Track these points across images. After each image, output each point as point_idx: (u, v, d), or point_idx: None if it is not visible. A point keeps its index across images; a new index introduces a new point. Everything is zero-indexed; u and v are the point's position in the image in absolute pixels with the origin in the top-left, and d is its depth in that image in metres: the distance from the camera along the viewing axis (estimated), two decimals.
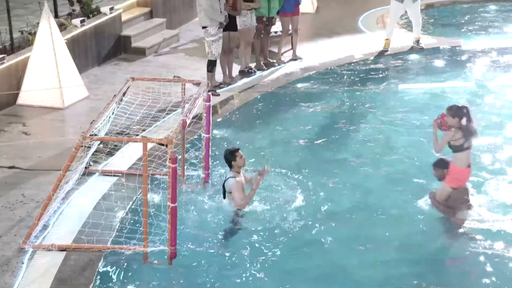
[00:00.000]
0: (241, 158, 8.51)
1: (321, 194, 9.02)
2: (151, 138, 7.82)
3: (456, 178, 8.48)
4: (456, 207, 8.56)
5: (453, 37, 15.95)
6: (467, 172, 8.52)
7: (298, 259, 7.84)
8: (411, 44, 15.22)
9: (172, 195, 7.21)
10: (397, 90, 13.08)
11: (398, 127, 11.25)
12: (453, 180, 8.50)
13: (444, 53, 14.98)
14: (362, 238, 8.24)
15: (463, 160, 8.42)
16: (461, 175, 8.48)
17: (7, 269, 7.20)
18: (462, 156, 8.41)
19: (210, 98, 8.97)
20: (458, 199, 8.54)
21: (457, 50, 15.11)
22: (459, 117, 8.33)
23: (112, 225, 8.04)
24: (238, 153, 8.51)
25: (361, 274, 7.63)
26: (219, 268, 7.66)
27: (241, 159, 8.50)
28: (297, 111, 12.13)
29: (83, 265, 7.36)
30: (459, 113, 8.34)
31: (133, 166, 9.32)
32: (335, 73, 13.82)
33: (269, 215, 8.51)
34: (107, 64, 13.59)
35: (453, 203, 8.55)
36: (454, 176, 8.48)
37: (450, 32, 16.48)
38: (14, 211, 8.30)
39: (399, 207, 8.81)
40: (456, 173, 8.46)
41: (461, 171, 8.45)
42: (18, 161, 9.51)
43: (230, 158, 8.50)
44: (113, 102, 8.35)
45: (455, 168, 8.46)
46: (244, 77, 13.29)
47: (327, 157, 10.29)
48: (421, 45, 15.13)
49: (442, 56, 14.83)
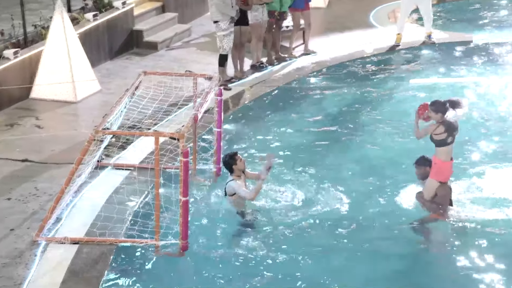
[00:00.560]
0: (241, 160, 8.45)
1: (332, 193, 8.93)
2: (163, 133, 7.83)
3: (441, 170, 8.36)
4: (444, 204, 8.46)
5: (465, 31, 15.87)
6: (450, 165, 8.39)
7: (305, 257, 7.77)
8: (422, 39, 15.16)
9: (183, 188, 7.21)
10: (408, 85, 13.03)
11: (409, 123, 11.17)
12: (438, 172, 8.37)
13: (456, 48, 14.90)
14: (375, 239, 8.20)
15: (446, 153, 8.33)
16: (445, 167, 8.35)
17: (20, 262, 7.23)
18: (445, 149, 8.31)
19: (222, 93, 8.96)
20: (445, 195, 8.44)
21: (469, 45, 15.05)
22: (442, 113, 8.26)
23: (124, 219, 8.04)
24: (237, 156, 8.45)
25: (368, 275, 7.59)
26: (230, 261, 7.66)
27: (241, 162, 8.44)
28: (309, 106, 12.09)
29: (95, 258, 7.38)
30: (442, 109, 8.27)
31: (145, 160, 9.31)
32: (347, 68, 13.78)
33: (278, 212, 8.49)
34: (119, 59, 13.61)
35: (441, 199, 8.44)
36: (439, 169, 8.35)
37: (462, 27, 16.40)
38: (27, 204, 8.33)
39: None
40: (440, 165, 8.33)
41: (444, 164, 8.33)
42: (31, 154, 9.54)
43: (231, 162, 8.42)
44: (125, 96, 8.36)
45: (438, 160, 8.35)
46: (255, 71, 13.27)
47: (338, 154, 10.25)
48: (432, 39, 15.06)
49: (454, 51, 14.76)
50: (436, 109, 8.31)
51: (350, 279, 7.44)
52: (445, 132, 8.27)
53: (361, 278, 7.45)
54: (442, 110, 8.30)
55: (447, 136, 8.28)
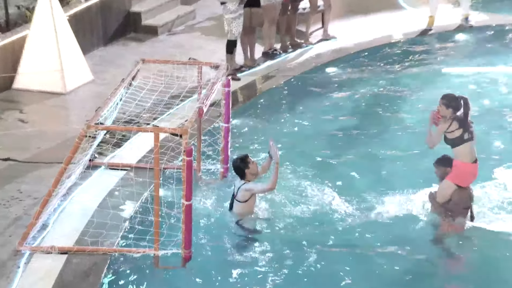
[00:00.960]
0: (253, 163, 8.38)
1: (346, 198, 8.90)
2: (163, 128, 7.81)
3: (461, 173, 8.20)
4: (456, 211, 8.32)
5: (509, 13, 15.77)
6: (473, 168, 8.21)
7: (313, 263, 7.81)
8: (458, 22, 15.11)
9: (186, 191, 7.19)
10: (441, 75, 13.00)
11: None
12: (457, 175, 8.23)
13: (497, 32, 14.86)
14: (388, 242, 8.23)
15: (466, 153, 8.15)
16: (466, 169, 8.19)
17: (1, 274, 7.22)
18: (464, 149, 8.14)
19: (230, 83, 8.94)
20: (460, 202, 8.28)
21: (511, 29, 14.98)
22: (453, 108, 8.15)
23: (119, 225, 8.03)
24: (249, 159, 8.38)
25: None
26: (238, 273, 7.65)
27: (253, 164, 8.36)
28: (327, 98, 12.09)
29: (86, 269, 7.36)
30: (454, 103, 8.15)
31: (143, 159, 9.31)
32: (371, 56, 13.77)
33: (288, 217, 8.50)
34: (115, 45, 13.64)
35: (454, 206, 8.32)
36: (459, 171, 8.20)
37: (504, 8, 16.30)
38: (9, 208, 8.33)
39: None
40: (461, 167, 8.18)
41: (466, 165, 8.17)
42: (14, 152, 9.55)
43: (243, 166, 8.32)
44: (121, 87, 8.35)
45: (458, 162, 8.19)
46: (267, 59, 13.28)
47: (359, 151, 10.25)
48: (470, 23, 15.01)
49: (494, 36, 14.73)
50: (448, 104, 8.18)
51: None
52: (460, 128, 8.14)
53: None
54: (454, 105, 8.17)
55: (463, 132, 8.13)
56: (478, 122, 10.91)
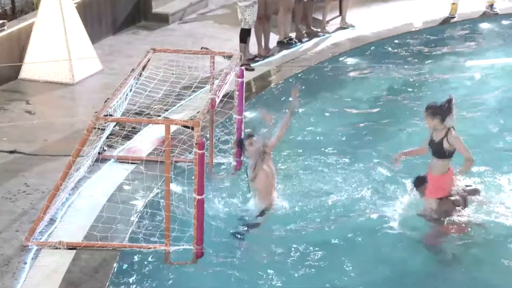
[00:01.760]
0: (252, 145, 8.44)
1: (360, 195, 8.92)
2: (175, 120, 7.84)
3: (438, 186, 8.31)
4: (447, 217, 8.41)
5: None
6: (448, 177, 8.28)
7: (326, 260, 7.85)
8: (483, 9, 15.04)
9: (198, 185, 7.23)
10: (465, 66, 12.95)
11: (465, 111, 11.12)
12: (434, 190, 8.32)
13: None
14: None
15: (443, 166, 8.25)
16: (441, 181, 8.28)
17: (7, 270, 7.26)
18: (446, 162, 8.24)
19: (244, 74, 8.96)
20: (448, 211, 8.35)
21: None
22: (440, 115, 8.11)
23: (129, 220, 8.07)
24: (248, 141, 8.48)
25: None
26: (251, 270, 7.68)
27: (252, 147, 8.44)
28: (344, 89, 12.10)
29: (95, 265, 7.40)
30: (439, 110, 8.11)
31: (153, 152, 9.36)
32: (390, 45, 13.73)
33: (305, 210, 8.54)
34: (124, 33, 13.66)
35: (444, 215, 8.37)
36: (435, 185, 8.30)
37: None
38: (15, 202, 8.38)
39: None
40: (436, 181, 8.29)
41: (441, 177, 8.27)
42: (20, 144, 9.61)
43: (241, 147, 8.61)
44: (131, 78, 8.38)
45: (432, 176, 8.30)
46: (282, 49, 13.27)
47: (376, 145, 10.21)
48: (495, 10, 14.94)
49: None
50: (433, 113, 8.14)
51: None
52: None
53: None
54: (439, 112, 8.11)
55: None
56: (502, 116, 10.98)
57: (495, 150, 10.10)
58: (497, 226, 8.36)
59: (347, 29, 14.24)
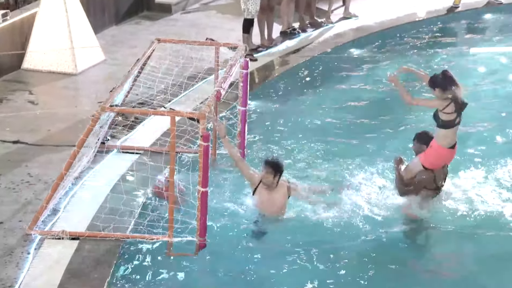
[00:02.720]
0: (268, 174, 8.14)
1: (367, 188, 8.87)
2: (180, 112, 7.83)
3: (433, 156, 8.23)
4: (416, 190, 8.35)
5: None
6: (450, 153, 8.23)
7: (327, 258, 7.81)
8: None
9: (203, 177, 7.21)
10: (469, 56, 12.93)
11: (470, 99, 11.07)
12: (429, 159, 8.25)
13: None
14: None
15: (447, 138, 8.15)
16: (440, 153, 8.21)
17: (11, 260, 7.27)
18: (447, 133, 8.14)
19: (248, 65, 8.92)
20: (422, 182, 8.30)
21: None
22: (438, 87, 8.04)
23: (132, 211, 8.06)
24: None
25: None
26: (251, 263, 7.69)
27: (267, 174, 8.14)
28: (348, 80, 12.08)
29: (98, 256, 7.40)
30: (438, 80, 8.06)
31: (157, 142, 9.34)
32: (394, 35, 13.70)
33: (307, 207, 8.48)
34: (127, 23, 13.64)
35: (416, 185, 8.33)
36: (432, 153, 8.22)
37: None
38: (19, 192, 8.37)
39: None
40: (436, 150, 8.19)
41: (441, 149, 8.18)
42: (24, 134, 9.60)
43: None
44: (137, 68, 8.35)
45: (435, 144, 8.20)
46: (286, 39, 13.24)
47: (380, 135, 10.21)
48: (500, 0, 14.88)
49: None
50: (432, 85, 8.13)
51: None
52: (455, 112, 8.10)
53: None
54: (438, 82, 8.08)
55: (456, 116, 8.12)
56: (505, 105, 10.97)
57: (498, 138, 10.12)
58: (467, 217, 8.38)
59: (350, 19, 14.20)
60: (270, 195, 8.23)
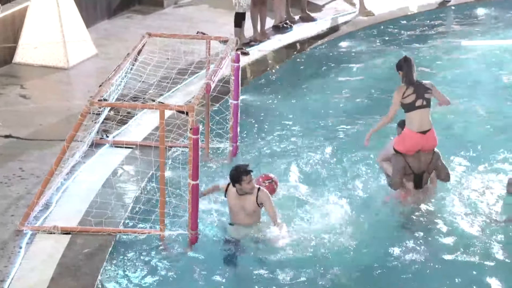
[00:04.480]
0: (249, 183, 7.73)
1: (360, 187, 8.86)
2: (169, 105, 7.84)
3: (402, 140, 8.29)
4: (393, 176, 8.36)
5: None
6: (420, 138, 8.21)
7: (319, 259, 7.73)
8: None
9: (193, 171, 7.23)
10: (461, 49, 12.95)
11: (461, 90, 11.12)
12: (398, 140, 8.33)
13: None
14: None
15: (414, 121, 8.21)
16: (409, 137, 8.24)
17: (3, 255, 7.28)
18: (413, 115, 8.20)
19: (240, 58, 8.93)
20: (394, 167, 8.31)
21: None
22: (401, 70, 8.31)
23: (124, 205, 8.09)
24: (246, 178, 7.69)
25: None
26: (243, 256, 7.71)
27: (248, 184, 7.73)
28: (340, 74, 12.07)
29: (90, 251, 7.42)
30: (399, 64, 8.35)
31: (148, 136, 9.35)
32: (387, 29, 13.73)
33: (301, 201, 8.48)
34: (119, 17, 13.62)
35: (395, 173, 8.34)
36: (402, 136, 8.30)
37: None
38: (10, 187, 8.38)
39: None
40: (404, 134, 8.26)
41: (410, 133, 8.22)
42: (15, 129, 9.59)
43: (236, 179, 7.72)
44: (126, 62, 8.36)
45: (405, 129, 8.28)
46: (278, 33, 13.22)
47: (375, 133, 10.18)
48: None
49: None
50: (398, 68, 8.37)
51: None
52: (414, 93, 8.20)
53: None
54: (399, 66, 8.34)
55: (416, 98, 8.18)
56: (497, 97, 10.98)
57: (489, 130, 10.14)
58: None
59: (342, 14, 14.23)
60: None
